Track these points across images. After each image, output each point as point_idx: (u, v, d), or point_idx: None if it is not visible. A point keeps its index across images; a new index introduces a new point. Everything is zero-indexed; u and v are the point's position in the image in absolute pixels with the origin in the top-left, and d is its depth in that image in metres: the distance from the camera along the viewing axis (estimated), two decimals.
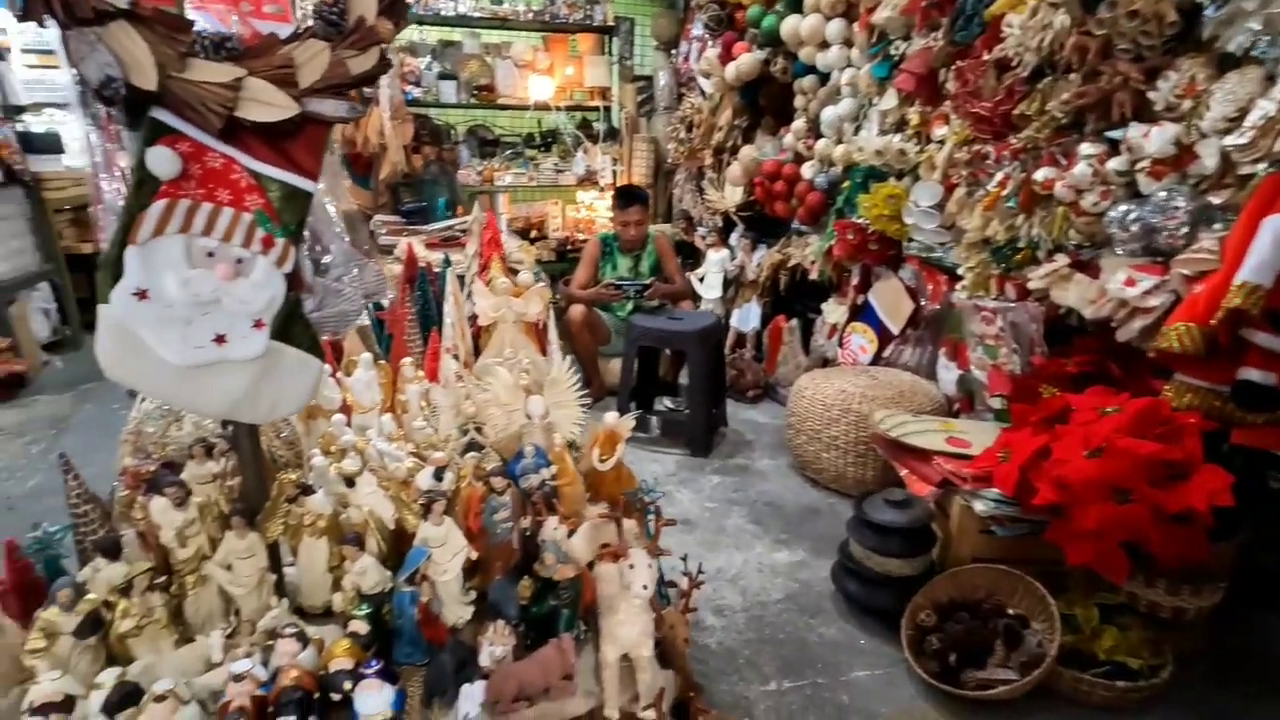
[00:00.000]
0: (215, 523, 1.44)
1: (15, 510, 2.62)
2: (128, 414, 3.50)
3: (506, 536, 1.47)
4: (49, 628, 1.25)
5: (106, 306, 1.08)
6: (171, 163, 1.09)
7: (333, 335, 1.72)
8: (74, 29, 0.98)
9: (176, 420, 1.99)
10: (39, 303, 4.19)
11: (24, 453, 3.07)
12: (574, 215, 5.02)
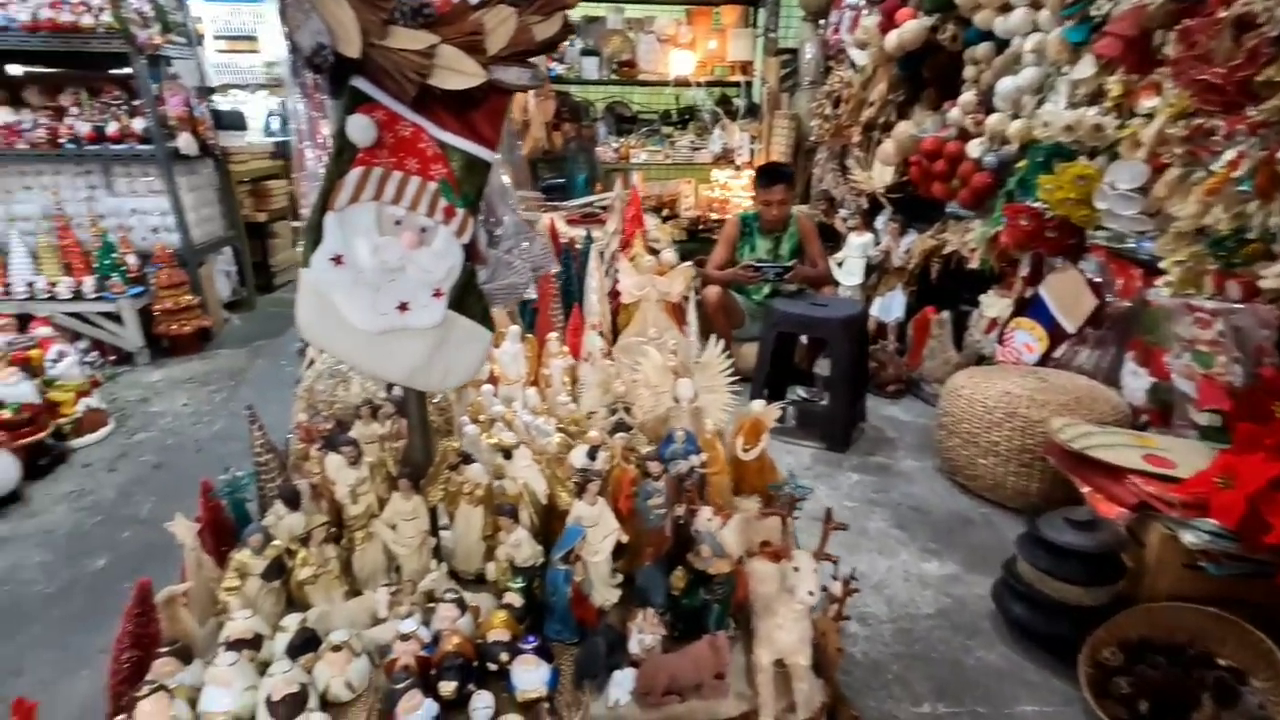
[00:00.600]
0: (384, 483, 1.50)
1: (203, 452, 2.91)
2: (294, 370, 3.80)
3: (659, 523, 1.43)
4: (241, 568, 1.35)
5: (307, 271, 1.12)
6: (368, 130, 1.10)
7: (501, 307, 1.74)
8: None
9: (344, 381, 2.11)
10: (221, 266, 4.65)
11: (209, 400, 3.41)
12: (707, 194, 4.91)
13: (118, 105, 3.93)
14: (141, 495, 2.57)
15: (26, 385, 2.66)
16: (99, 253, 3.73)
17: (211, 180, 4.46)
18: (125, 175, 4.00)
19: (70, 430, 2.84)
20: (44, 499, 2.53)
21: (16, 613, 1.97)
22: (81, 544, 2.28)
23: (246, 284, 4.89)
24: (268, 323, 4.68)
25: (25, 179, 3.90)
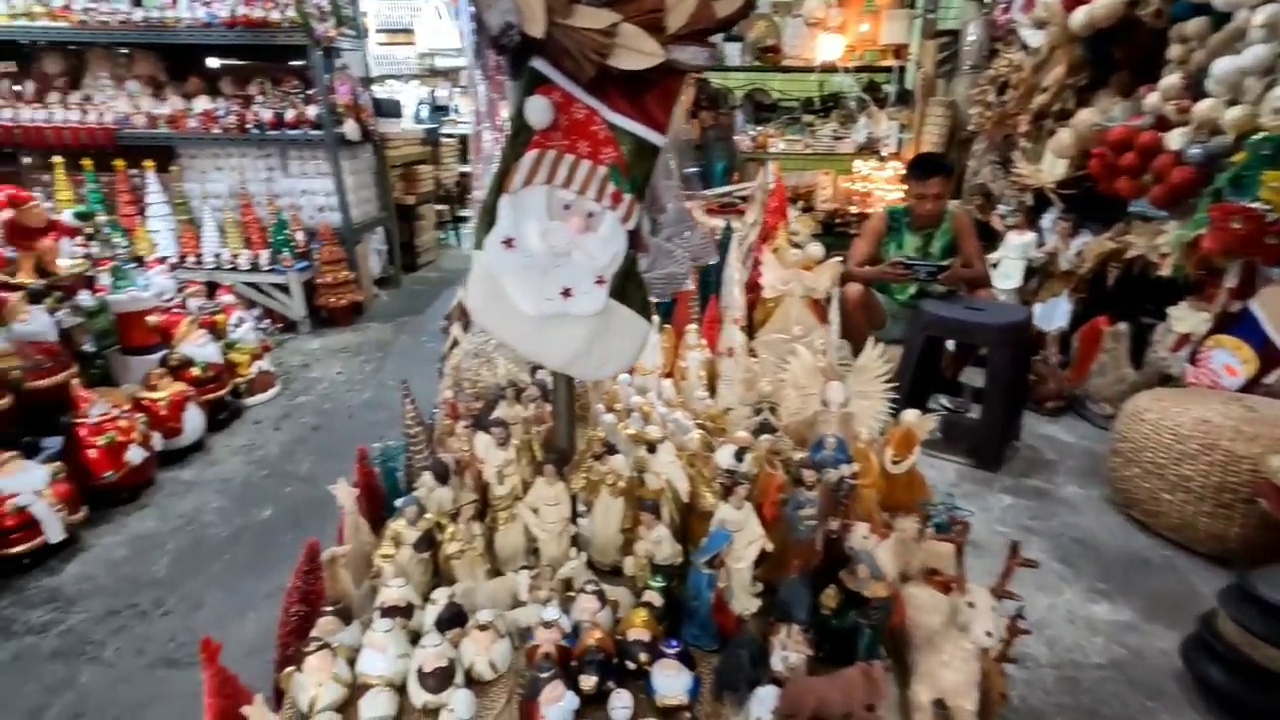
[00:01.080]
0: (529, 466, 1.51)
1: (354, 418, 3.12)
2: (435, 346, 4.00)
3: (809, 535, 1.34)
4: (396, 537, 1.40)
5: (480, 253, 1.12)
6: (546, 112, 1.09)
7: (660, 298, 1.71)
8: None
9: (488, 362, 2.17)
10: (374, 245, 4.97)
11: (360, 370, 3.66)
12: (847, 186, 4.67)
13: (295, 94, 4.29)
14: (302, 454, 2.78)
15: (212, 347, 2.96)
16: (274, 229, 4.09)
17: (370, 164, 4.78)
18: (298, 158, 4.36)
19: (245, 389, 3.14)
20: (222, 450, 2.80)
21: (199, 552, 2.18)
22: (251, 494, 2.50)
23: (394, 262, 5.22)
24: (411, 299, 4.97)
25: (217, 160, 4.35)
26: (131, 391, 2.63)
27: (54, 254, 2.70)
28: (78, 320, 2.62)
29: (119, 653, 1.78)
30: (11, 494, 1.99)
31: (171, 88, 4.43)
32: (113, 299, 2.80)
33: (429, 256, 5.95)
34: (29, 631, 1.84)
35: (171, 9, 3.96)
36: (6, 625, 1.86)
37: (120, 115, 4.17)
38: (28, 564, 2.04)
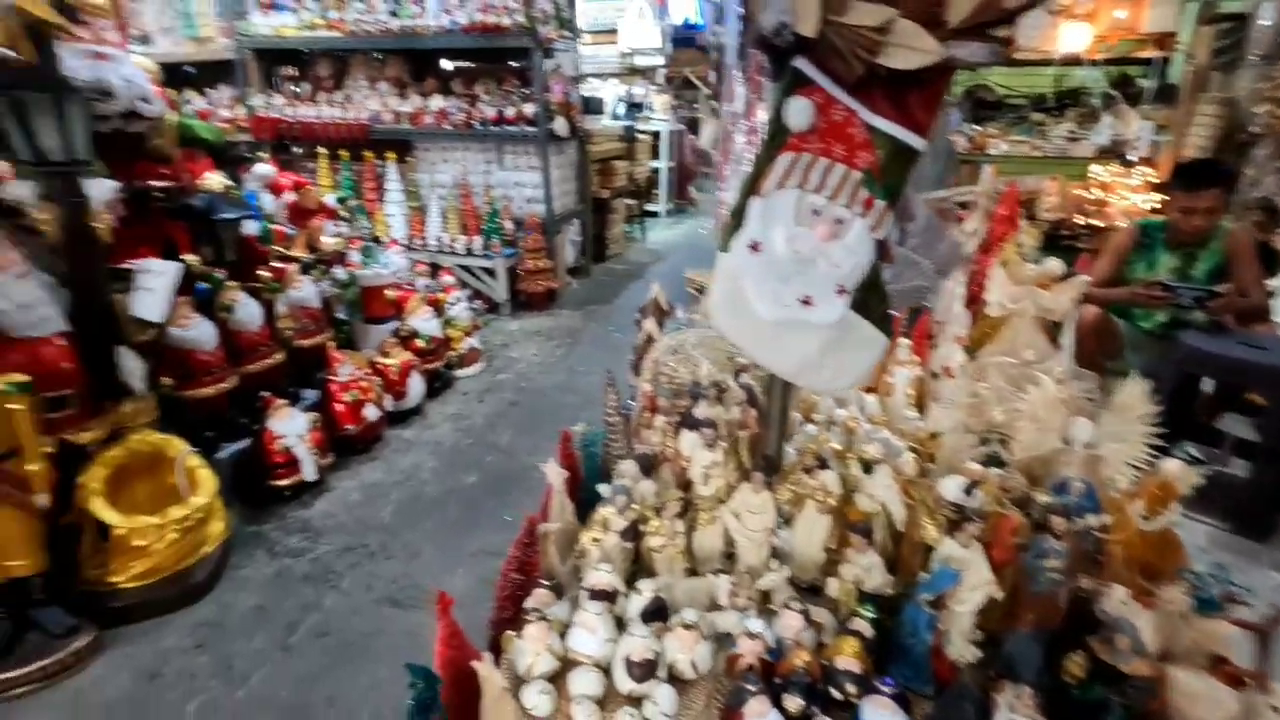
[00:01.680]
0: (735, 470, 1.50)
1: (547, 398, 3.31)
2: (621, 336, 4.13)
3: (1050, 589, 1.19)
4: (604, 523, 1.45)
5: (726, 255, 1.12)
6: (807, 114, 1.05)
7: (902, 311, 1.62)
8: None
9: (686, 360, 2.19)
10: (570, 235, 5.25)
11: (553, 353, 3.88)
12: (1079, 194, 4.15)
13: (515, 93, 4.63)
14: (502, 426, 3.01)
15: (435, 322, 3.29)
16: (487, 218, 4.46)
17: (573, 159, 5.05)
18: (512, 153, 4.71)
19: (456, 362, 3.45)
20: (436, 415, 3.11)
21: (416, 506, 2.43)
22: (459, 459, 2.74)
23: (586, 253, 5.48)
24: (599, 289, 5.19)
25: (445, 153, 4.83)
26: (370, 356, 3.00)
27: (321, 232, 3.14)
28: (335, 291, 3.03)
29: (353, 585, 2.03)
30: (282, 435, 2.35)
31: (413, 88, 4.97)
32: (360, 274, 3.20)
33: (616, 249, 6.17)
34: (287, 554, 2.16)
35: (420, 17, 4.44)
36: (271, 546, 2.20)
37: (373, 113, 4.75)
38: (288, 496, 2.40)
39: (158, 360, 2.16)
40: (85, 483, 1.85)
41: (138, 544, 1.87)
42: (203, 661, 1.75)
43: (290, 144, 5.06)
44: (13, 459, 1.58)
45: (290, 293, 2.72)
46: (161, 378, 2.19)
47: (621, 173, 5.99)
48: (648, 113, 8.05)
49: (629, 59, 8.34)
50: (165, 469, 2.05)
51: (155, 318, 2.01)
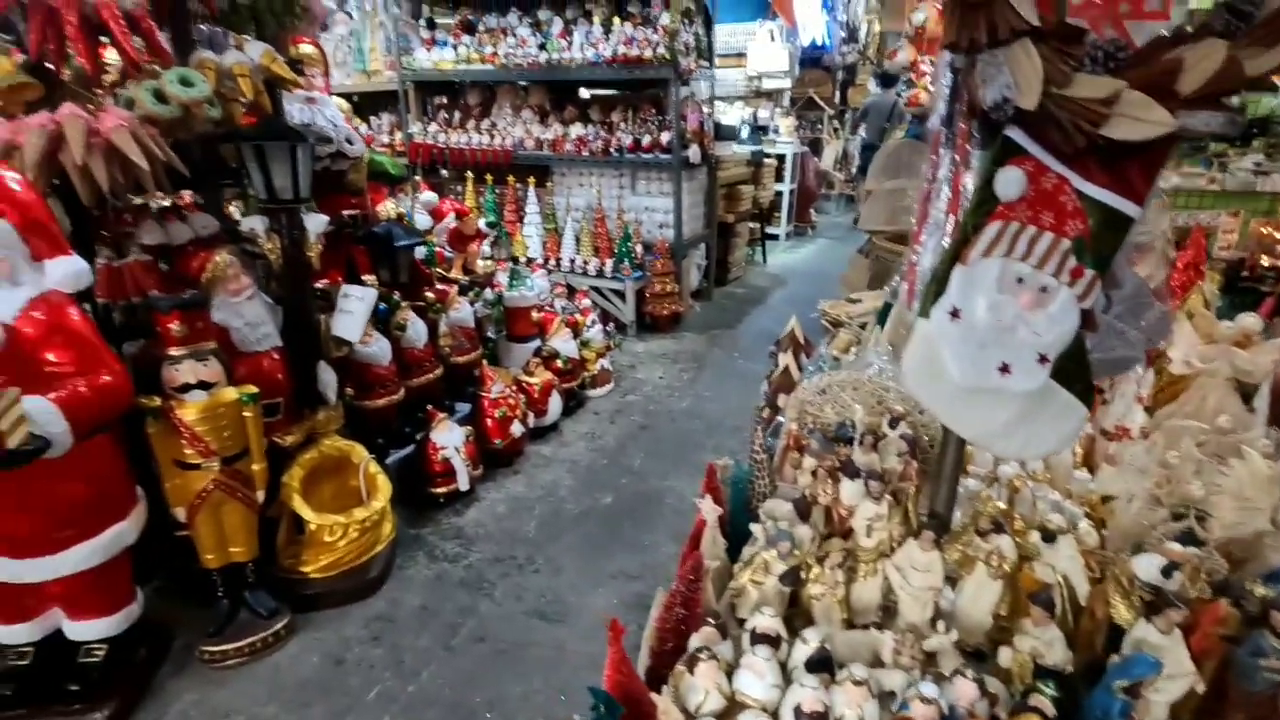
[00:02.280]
0: (900, 524, 1.48)
1: (675, 423, 3.38)
2: (745, 363, 4.14)
3: (1268, 690, 1.11)
4: (765, 566, 1.48)
5: (924, 321, 1.13)
6: (1019, 184, 1.05)
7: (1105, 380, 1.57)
8: (984, 52, 0.98)
9: (834, 402, 2.18)
10: (695, 259, 5.33)
11: (679, 377, 3.96)
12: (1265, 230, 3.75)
13: (651, 120, 4.78)
14: (633, 449, 3.10)
15: (573, 344, 3.45)
16: (619, 242, 4.62)
17: (703, 185, 5.13)
18: (645, 179, 4.86)
19: (589, 382, 3.60)
20: (571, 434, 3.25)
21: (557, 521, 2.56)
22: (595, 479, 2.86)
23: (708, 276, 5.54)
24: (722, 313, 5.23)
25: (581, 178, 5.05)
26: (515, 374, 3.19)
27: (476, 256, 3.38)
28: (487, 311, 3.24)
29: (504, 595, 2.17)
30: (442, 446, 2.55)
31: (554, 115, 5.24)
32: (507, 295, 3.41)
33: (738, 272, 6.19)
34: (445, 559, 2.33)
35: (567, 51, 4.69)
36: (430, 549, 2.38)
37: (516, 140, 5.05)
38: (442, 503, 2.60)
39: (344, 373, 2.40)
40: (287, 481, 2.09)
41: (327, 539, 2.09)
42: (378, 653, 1.93)
43: (440, 167, 5.46)
44: (242, 459, 1.82)
45: (450, 313, 2.95)
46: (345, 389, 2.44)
47: (747, 197, 6.02)
48: (772, 135, 8.04)
49: (756, 82, 8.37)
50: (349, 472, 2.28)
51: (353, 338, 2.25)
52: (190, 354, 1.68)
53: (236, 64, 1.92)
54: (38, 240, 1.47)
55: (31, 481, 1.41)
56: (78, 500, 1.54)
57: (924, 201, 1.21)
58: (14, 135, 1.58)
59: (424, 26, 5.37)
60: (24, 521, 1.48)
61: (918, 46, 4.24)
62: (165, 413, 1.70)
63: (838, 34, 9.96)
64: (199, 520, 1.81)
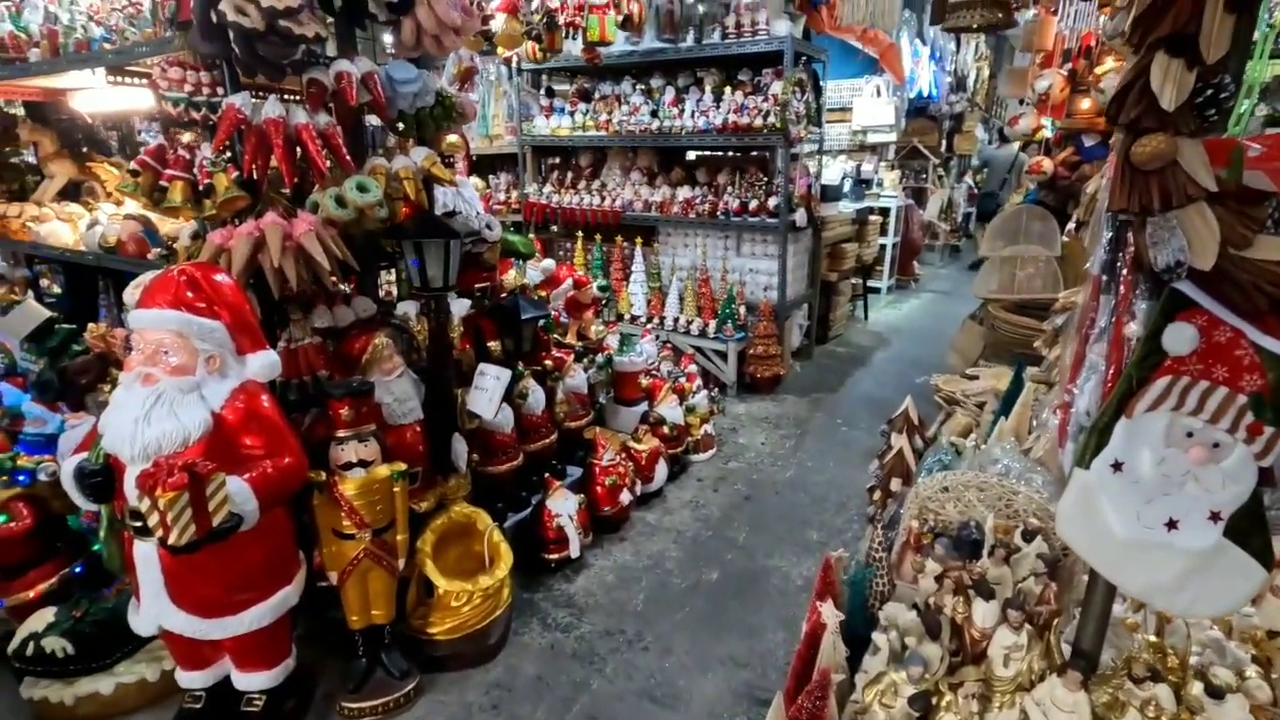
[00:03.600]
0: (1042, 657, 1.43)
1: (780, 495, 3.36)
2: (848, 430, 4.06)
3: None
4: (893, 688, 1.46)
5: (1083, 471, 1.11)
6: (1191, 341, 1.03)
7: None
8: (1158, 216, 0.98)
9: (956, 499, 2.12)
10: (797, 319, 5.31)
11: (781, 444, 3.93)
12: None
13: (759, 184, 4.86)
14: (738, 521, 3.11)
15: (679, 410, 3.52)
16: (723, 302, 4.68)
17: (807, 246, 5.14)
18: (750, 240, 4.92)
19: (692, 447, 3.64)
20: (675, 501, 3.29)
21: (664, 595, 2.60)
22: (700, 551, 2.88)
23: (810, 335, 5.50)
24: (823, 374, 5.17)
25: (686, 238, 5.17)
26: (623, 439, 3.28)
27: (591, 323, 3.53)
28: (600, 378, 3.37)
29: (615, 672, 2.21)
30: (557, 513, 2.65)
31: (661, 177, 5.43)
32: (617, 360, 3.53)
33: (839, 329, 6.11)
34: (558, 628, 2.41)
35: (678, 119, 4.86)
36: (544, 616, 2.47)
37: (625, 201, 5.25)
38: (554, 568, 2.69)
39: (470, 440, 2.56)
40: (421, 546, 2.24)
41: (453, 604, 2.21)
42: None
43: (552, 225, 5.74)
44: (389, 530, 1.98)
45: (567, 380, 3.09)
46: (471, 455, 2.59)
47: (851, 255, 5.96)
48: (876, 189, 7.95)
49: (860, 136, 8.33)
50: (474, 537, 2.41)
51: (487, 415, 2.41)
52: (354, 435, 1.87)
53: (403, 168, 2.15)
54: (242, 337, 1.69)
55: (221, 550, 1.59)
56: (256, 566, 1.73)
57: (1081, 342, 1.20)
58: (225, 241, 1.84)
59: (543, 95, 5.72)
60: (212, 585, 1.67)
61: (1041, 112, 4.12)
62: (329, 487, 1.88)
63: (945, 83, 9.79)
64: (348, 585, 1.97)
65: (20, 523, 2.08)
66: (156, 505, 1.42)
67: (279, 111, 1.86)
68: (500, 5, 3.61)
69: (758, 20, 4.48)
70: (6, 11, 2.77)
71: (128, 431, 1.53)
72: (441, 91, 2.32)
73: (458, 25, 2.17)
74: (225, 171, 1.87)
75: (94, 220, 2.81)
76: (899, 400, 2.99)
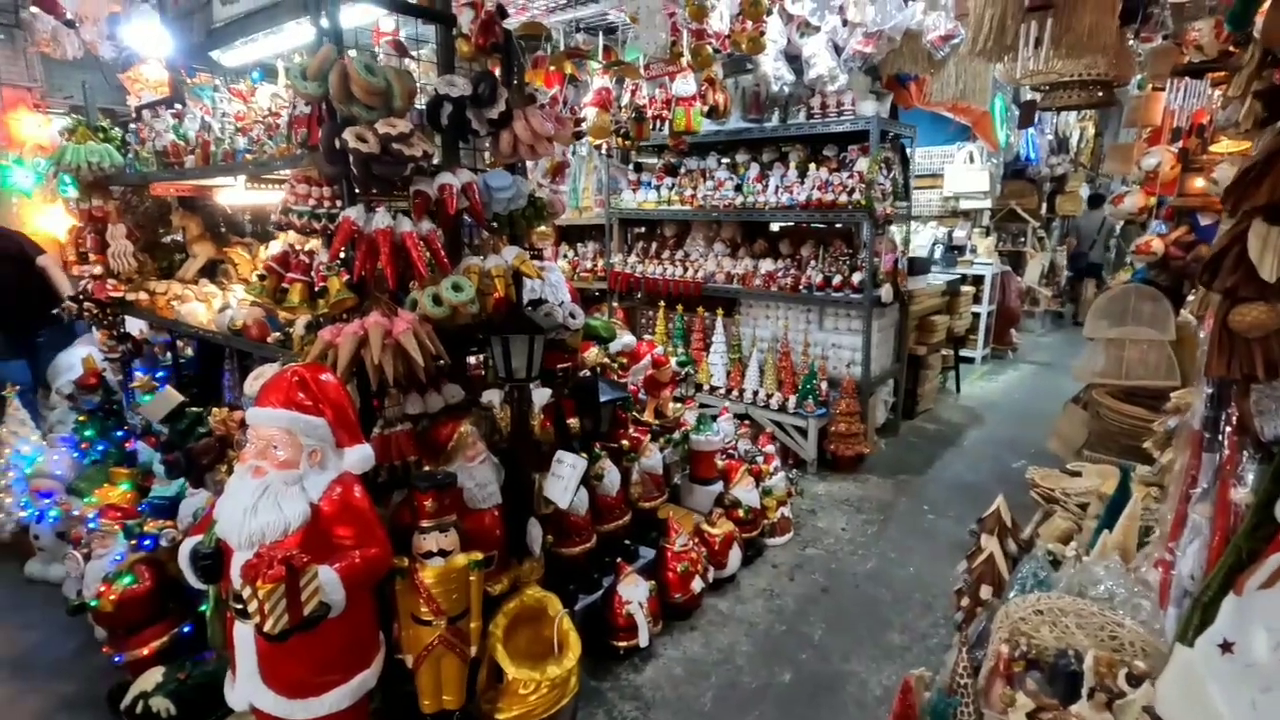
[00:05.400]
0: None
1: (859, 589, 3.22)
2: (935, 519, 3.86)
3: None
4: None
5: (1186, 649, 1.02)
6: None
7: None
8: (1267, 384, 0.92)
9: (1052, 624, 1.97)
10: (882, 395, 5.16)
11: (863, 530, 3.78)
12: None
13: (842, 259, 4.82)
14: (814, 617, 2.99)
15: (755, 492, 3.46)
16: (804, 377, 4.62)
17: (894, 320, 5.03)
18: (833, 315, 4.86)
19: (768, 530, 3.56)
20: (748, 588, 3.21)
21: (733, 696, 2.52)
22: (772, 648, 2.78)
23: (896, 411, 5.31)
24: (909, 452, 4.96)
25: (768, 310, 5.17)
26: (697, 520, 3.26)
27: (668, 401, 3.57)
28: (676, 458, 3.38)
29: None
30: (628, 600, 2.65)
31: (744, 248, 5.48)
32: (694, 438, 3.53)
33: (927, 404, 5.88)
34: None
35: (762, 194, 4.93)
36: (610, 709, 2.45)
37: (708, 272, 5.33)
38: (622, 656, 2.67)
39: (544, 521, 2.61)
40: (493, 629, 2.29)
41: (521, 691, 2.23)
42: None
43: (635, 294, 5.89)
44: (463, 618, 2.04)
45: (643, 460, 3.12)
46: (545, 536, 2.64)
47: (941, 327, 5.77)
48: (969, 255, 7.70)
49: (952, 202, 8.14)
50: (544, 622, 2.44)
51: (563, 504, 2.47)
52: (436, 526, 1.96)
53: (494, 266, 2.29)
54: (342, 432, 1.84)
55: (310, 635, 1.69)
56: (339, 649, 1.82)
57: (1182, 501, 1.12)
58: (334, 338, 2.01)
59: (631, 170, 5.96)
60: (300, 667, 1.77)
61: (1149, 191, 3.91)
62: (410, 573, 1.97)
63: (1044, 145, 9.47)
64: (422, 669, 2.04)
65: (142, 584, 2.29)
66: (256, 594, 1.53)
67: (387, 222, 2.04)
68: (592, 100, 3.84)
69: (843, 101, 4.53)
70: (172, 122, 3.20)
71: (237, 520, 1.67)
72: (533, 194, 2.47)
73: (550, 135, 2.33)
74: (338, 275, 2.06)
75: (225, 304, 3.14)
76: (991, 487, 2.83)
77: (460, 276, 2.19)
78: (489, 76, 2.16)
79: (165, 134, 3.13)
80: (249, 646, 1.75)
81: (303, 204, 2.06)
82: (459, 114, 2.15)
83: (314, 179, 2.10)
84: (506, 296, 2.39)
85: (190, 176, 2.95)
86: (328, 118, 2.00)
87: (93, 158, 3.45)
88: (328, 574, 1.67)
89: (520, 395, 2.39)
